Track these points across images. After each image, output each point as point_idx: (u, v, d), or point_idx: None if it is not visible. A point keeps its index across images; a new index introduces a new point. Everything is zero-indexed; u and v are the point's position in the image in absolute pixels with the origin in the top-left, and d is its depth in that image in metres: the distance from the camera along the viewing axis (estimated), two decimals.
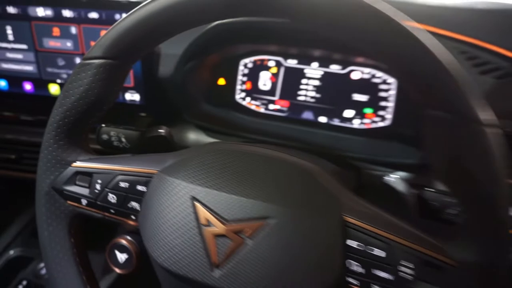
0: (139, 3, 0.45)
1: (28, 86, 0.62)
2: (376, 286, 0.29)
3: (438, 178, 0.29)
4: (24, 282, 0.67)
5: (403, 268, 0.28)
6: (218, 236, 0.29)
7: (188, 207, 0.31)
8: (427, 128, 0.28)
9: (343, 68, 0.58)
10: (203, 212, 0.30)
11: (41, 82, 0.62)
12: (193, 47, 0.55)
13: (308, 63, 0.58)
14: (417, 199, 0.36)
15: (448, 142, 0.26)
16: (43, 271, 0.68)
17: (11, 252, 0.72)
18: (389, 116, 0.56)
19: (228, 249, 0.29)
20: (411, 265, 0.28)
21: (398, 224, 0.29)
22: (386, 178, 0.38)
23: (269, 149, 0.36)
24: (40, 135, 0.38)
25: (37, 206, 0.37)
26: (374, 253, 0.29)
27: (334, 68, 0.57)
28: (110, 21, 0.56)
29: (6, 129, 0.67)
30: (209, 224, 0.30)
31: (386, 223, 0.29)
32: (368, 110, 0.58)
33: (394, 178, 0.37)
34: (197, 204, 0.30)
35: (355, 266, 0.29)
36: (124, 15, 0.55)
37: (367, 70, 0.55)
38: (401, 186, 0.38)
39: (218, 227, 0.29)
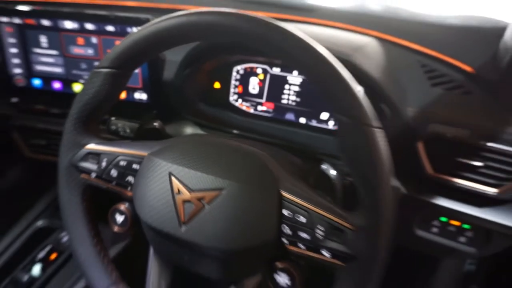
0: (145, 18, 0.57)
1: (57, 85, 0.75)
2: (300, 244, 0.38)
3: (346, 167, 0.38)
4: (48, 248, 0.80)
5: (317, 231, 0.37)
6: (185, 201, 0.40)
7: (166, 180, 0.41)
8: (336, 127, 0.37)
9: None
10: (176, 184, 0.40)
11: (67, 82, 0.74)
12: (190, 55, 0.65)
13: (290, 71, 0.67)
14: (339, 182, 0.46)
15: (346, 138, 0.35)
16: (64, 240, 0.81)
17: (39, 223, 0.85)
18: None
19: (192, 211, 0.39)
20: (323, 229, 0.37)
21: (317, 199, 0.38)
22: (323, 166, 0.47)
23: (234, 141, 0.47)
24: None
25: (59, 178, 0.48)
26: (299, 219, 0.38)
27: None
28: (123, 33, 0.67)
29: (38, 120, 0.80)
30: (179, 192, 0.40)
31: (309, 198, 0.38)
32: None
33: (327, 167, 0.47)
34: (173, 178, 0.41)
35: (286, 229, 0.39)
36: (133, 28, 0.66)
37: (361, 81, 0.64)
38: (332, 173, 0.47)
39: (186, 195, 0.40)
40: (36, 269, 0.75)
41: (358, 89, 0.35)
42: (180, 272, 0.48)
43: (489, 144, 0.50)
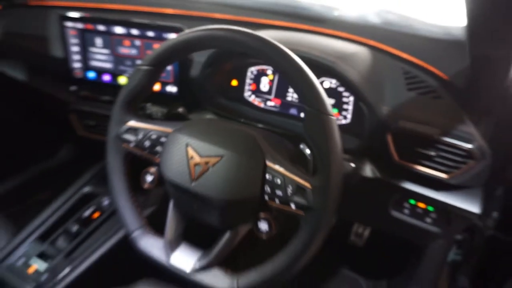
0: (178, 27, 0.73)
1: (106, 77, 0.93)
2: (276, 199, 0.52)
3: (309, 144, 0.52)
4: (92, 208, 0.98)
5: (288, 189, 0.51)
6: (196, 164, 0.54)
7: (183, 149, 0.56)
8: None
9: (318, 78, 0.80)
10: (190, 152, 0.55)
11: (115, 75, 0.92)
12: (212, 57, 0.80)
13: None
14: (310, 157, 0.59)
15: (309, 123, 0.49)
16: (105, 203, 0.99)
17: (86, 189, 1.04)
18: (348, 116, 0.78)
19: (200, 171, 0.54)
20: (292, 188, 0.51)
21: (289, 167, 0.52)
22: (301, 146, 0.60)
23: (236, 124, 0.61)
24: (111, 110, 0.65)
25: (107, 146, 0.65)
26: (276, 182, 0.52)
27: None
28: (160, 38, 0.84)
29: (90, 105, 0.97)
30: (192, 158, 0.55)
31: (284, 167, 0.52)
32: (334, 110, 0.79)
33: (303, 147, 0.60)
34: (188, 147, 0.56)
35: (267, 188, 0.53)
36: (168, 34, 0.82)
37: (333, 81, 0.77)
38: (307, 152, 0.60)
39: (196, 159, 0.55)
40: (83, 224, 0.94)
41: (320, 86, 0.48)
42: (191, 224, 0.63)
43: (443, 138, 0.62)
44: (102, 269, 0.87)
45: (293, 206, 0.51)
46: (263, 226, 0.54)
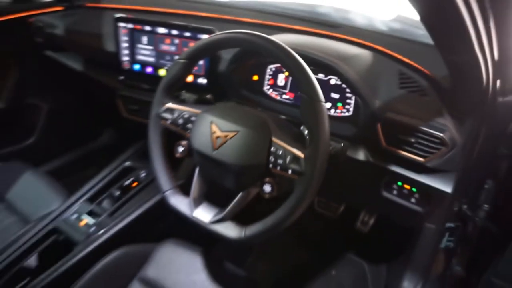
0: (210, 29, 0.89)
1: (149, 69, 1.10)
2: (277, 166, 0.66)
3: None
4: (131, 179, 1.15)
5: (287, 159, 0.65)
6: (217, 137, 0.69)
7: (208, 125, 0.71)
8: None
9: (325, 76, 0.93)
10: (213, 127, 0.70)
11: (156, 68, 1.09)
12: (237, 55, 0.96)
13: None
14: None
15: (304, 108, 0.63)
16: (142, 176, 1.17)
17: (127, 163, 1.22)
18: (351, 109, 0.91)
19: (220, 142, 0.69)
20: (289, 158, 0.65)
21: (289, 142, 0.66)
22: (301, 128, 0.74)
23: (251, 109, 0.76)
24: (151, 97, 0.80)
25: (149, 122, 0.81)
26: (278, 153, 0.66)
27: (321, 76, 0.92)
28: (195, 37, 1.00)
29: (134, 92, 1.15)
30: (214, 132, 0.70)
31: (285, 142, 0.66)
32: (339, 104, 0.92)
33: (303, 128, 0.73)
34: (212, 124, 0.71)
35: (271, 158, 0.67)
36: (202, 35, 0.98)
37: (338, 79, 0.90)
38: (305, 132, 0.74)
39: (218, 133, 0.70)
40: (123, 190, 1.12)
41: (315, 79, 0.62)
42: (210, 188, 0.78)
43: (421, 127, 0.74)
44: (137, 226, 1.05)
45: (290, 172, 0.65)
46: (267, 188, 0.69)
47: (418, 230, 1.04)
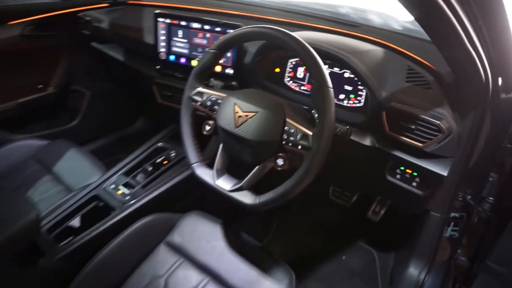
0: (238, 24, 1.02)
1: (183, 60, 1.23)
2: (289, 143, 0.77)
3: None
4: (162, 158, 1.29)
5: (297, 136, 0.75)
6: (239, 116, 0.80)
7: (232, 106, 0.82)
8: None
9: (340, 70, 1.01)
10: (236, 108, 0.81)
11: (189, 59, 1.22)
12: (260, 48, 1.06)
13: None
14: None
15: (314, 92, 0.73)
16: (172, 155, 1.30)
17: (159, 144, 1.36)
18: (362, 100, 1.00)
19: (241, 121, 0.79)
20: (300, 135, 0.75)
21: (301, 122, 0.76)
22: (312, 112, 0.83)
23: (270, 94, 0.87)
24: (183, 84, 0.92)
25: (182, 104, 0.93)
26: (290, 131, 0.76)
27: (336, 69, 1.01)
28: (225, 32, 1.12)
29: (169, 80, 1.28)
30: (237, 112, 0.81)
31: (297, 122, 0.76)
32: (351, 96, 1.01)
33: (314, 112, 0.83)
34: (235, 105, 0.82)
35: (284, 135, 0.77)
36: (230, 30, 1.10)
37: (351, 72, 0.99)
38: (315, 115, 0.83)
39: (240, 113, 0.80)
40: (155, 167, 1.26)
41: (324, 67, 0.72)
42: (232, 163, 0.89)
43: (420, 115, 0.82)
44: (165, 198, 1.19)
45: (299, 147, 0.75)
46: (280, 162, 0.79)
47: (424, 219, 1.11)
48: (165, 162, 1.28)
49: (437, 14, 0.55)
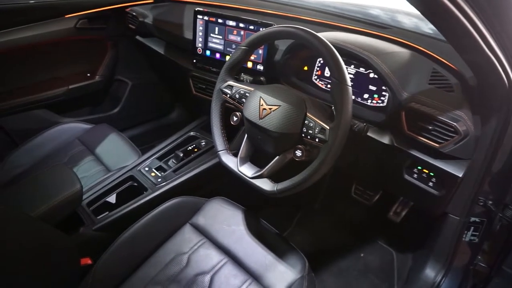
0: (269, 23, 1.08)
1: (218, 55, 1.31)
2: (308, 136, 0.82)
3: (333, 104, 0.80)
4: (192, 146, 1.38)
5: (316, 129, 0.80)
6: (263, 109, 0.86)
7: (257, 99, 0.88)
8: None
9: (366, 70, 1.05)
10: (261, 101, 0.87)
11: (223, 54, 1.29)
12: (290, 47, 1.12)
13: (349, 65, 1.07)
14: None
15: (334, 89, 0.77)
16: (202, 144, 1.39)
17: (191, 133, 1.46)
18: (385, 100, 1.03)
19: (265, 113, 0.85)
20: (318, 129, 0.80)
21: (319, 117, 0.81)
22: (332, 108, 0.87)
23: (294, 90, 0.92)
24: (216, 78, 0.98)
25: (213, 96, 1.01)
26: (309, 124, 0.81)
27: (362, 69, 1.05)
28: (257, 30, 1.18)
29: (203, 73, 1.37)
30: (262, 104, 0.87)
31: (316, 116, 0.81)
32: (375, 95, 1.05)
33: (333, 109, 0.87)
34: (260, 98, 0.88)
35: (304, 129, 0.83)
36: (262, 28, 1.17)
37: (375, 73, 1.02)
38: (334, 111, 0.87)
39: (264, 106, 0.86)
40: (186, 153, 1.35)
41: (344, 65, 0.77)
42: (255, 153, 0.95)
43: (438, 117, 0.85)
44: (193, 183, 1.27)
45: (317, 140, 0.80)
46: (298, 153, 0.85)
47: (443, 222, 1.11)
48: (195, 150, 1.37)
49: (446, 15, 0.58)
